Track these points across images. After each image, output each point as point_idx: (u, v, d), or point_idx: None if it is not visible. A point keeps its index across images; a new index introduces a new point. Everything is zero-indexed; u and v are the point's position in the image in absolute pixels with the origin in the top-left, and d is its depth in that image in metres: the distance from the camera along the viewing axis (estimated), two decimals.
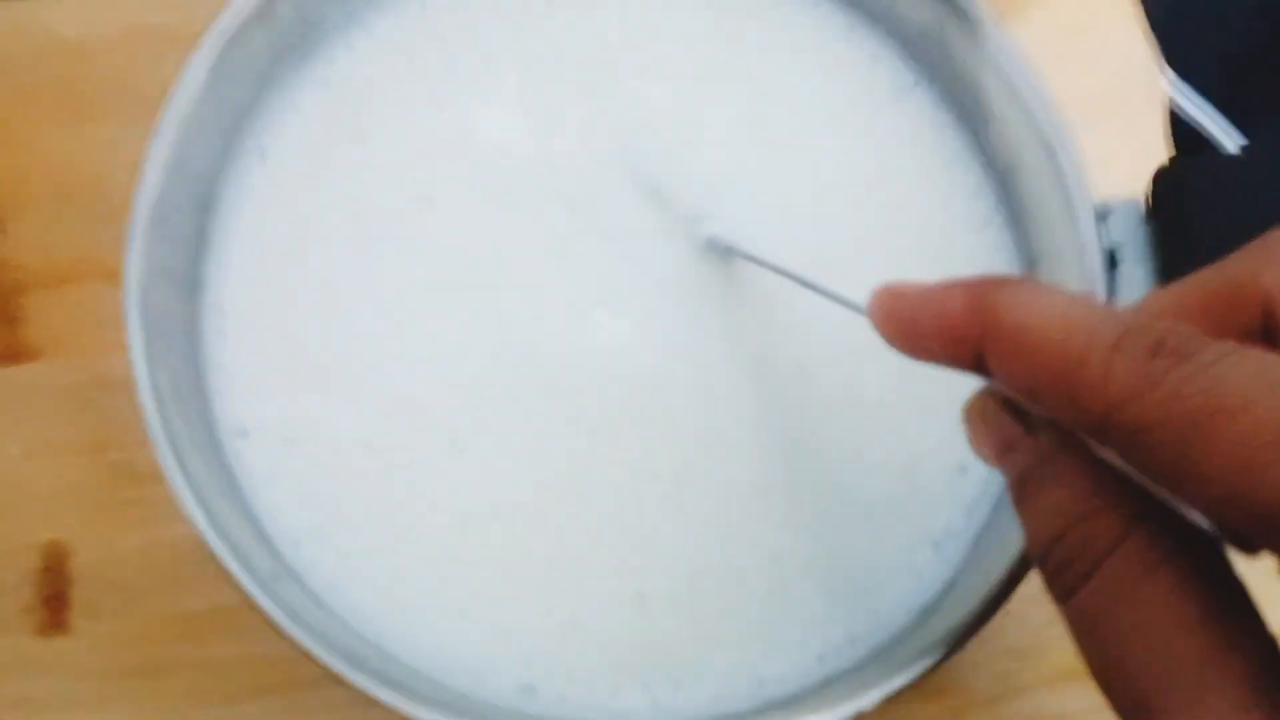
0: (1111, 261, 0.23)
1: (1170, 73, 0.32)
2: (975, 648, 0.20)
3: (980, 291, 0.15)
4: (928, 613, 0.23)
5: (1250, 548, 0.14)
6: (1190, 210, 0.23)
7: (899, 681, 0.20)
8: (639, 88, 0.25)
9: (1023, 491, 0.15)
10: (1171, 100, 0.32)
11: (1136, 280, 0.22)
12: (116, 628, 0.26)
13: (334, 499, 0.22)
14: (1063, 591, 0.14)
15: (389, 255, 0.23)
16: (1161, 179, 0.23)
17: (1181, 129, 0.32)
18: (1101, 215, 0.23)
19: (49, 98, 0.29)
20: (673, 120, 0.24)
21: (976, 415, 0.16)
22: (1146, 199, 0.23)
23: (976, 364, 0.15)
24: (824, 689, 0.22)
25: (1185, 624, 0.13)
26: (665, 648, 0.22)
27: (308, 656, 0.19)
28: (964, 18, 0.23)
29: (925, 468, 0.24)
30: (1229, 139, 0.32)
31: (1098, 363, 0.13)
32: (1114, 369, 0.13)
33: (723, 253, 0.23)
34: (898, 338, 0.16)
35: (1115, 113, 0.30)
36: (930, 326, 0.16)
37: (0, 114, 0.28)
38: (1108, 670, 0.14)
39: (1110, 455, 0.14)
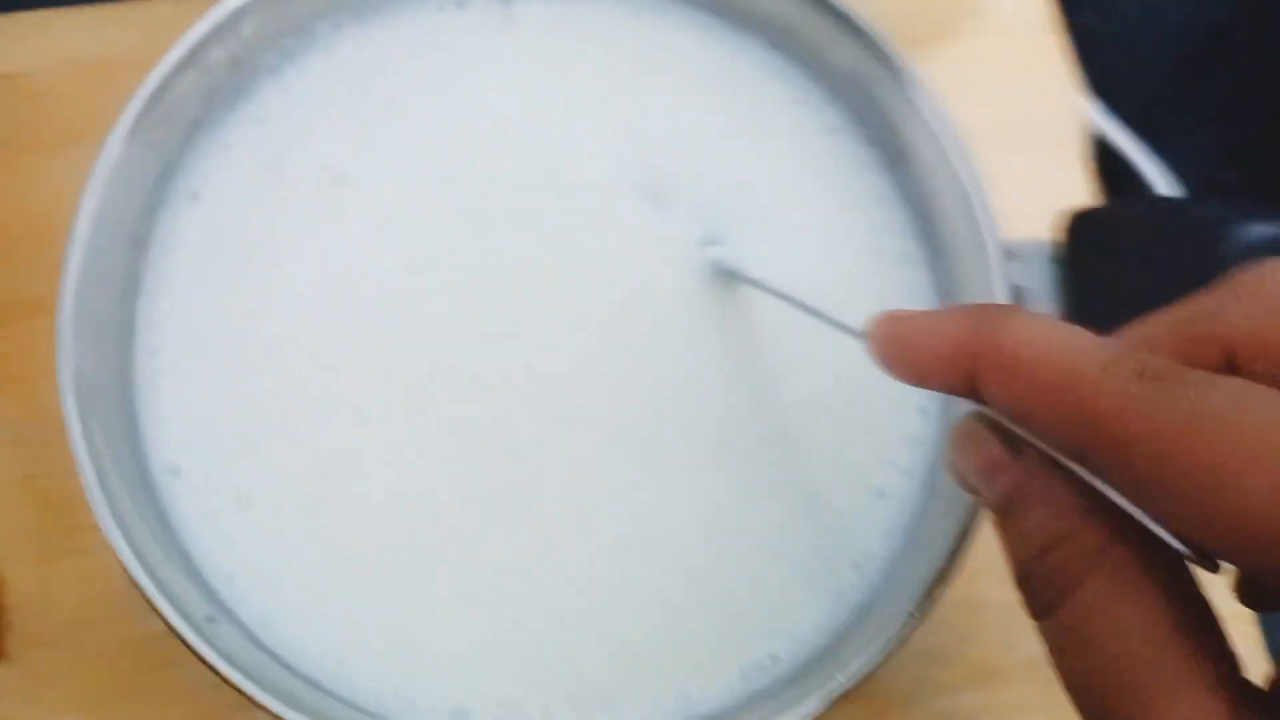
0: (1018, 301, 0.24)
1: (1092, 101, 0.33)
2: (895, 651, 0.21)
3: (980, 316, 0.16)
4: (849, 630, 0.24)
5: (1212, 565, 0.15)
6: (1101, 255, 0.24)
7: (814, 705, 0.21)
8: (580, 123, 0.25)
9: (1007, 511, 0.16)
10: (1093, 128, 0.33)
11: None
12: (59, 655, 0.26)
13: (266, 536, 0.22)
14: (1042, 608, 0.15)
15: (323, 294, 0.23)
16: (1075, 223, 0.24)
17: (1104, 156, 0.33)
18: (1010, 255, 0.24)
19: None
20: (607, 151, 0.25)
21: (964, 437, 0.17)
22: (1056, 240, 0.24)
23: (969, 387, 0.16)
24: (750, 706, 0.23)
25: (1160, 634, 0.14)
26: (592, 668, 0.23)
27: (248, 699, 0.19)
28: (885, 63, 0.24)
29: (845, 491, 0.24)
30: (1150, 167, 0.34)
31: (1090, 381, 0.14)
32: (1104, 387, 0.14)
33: (726, 277, 0.24)
34: (896, 361, 0.17)
35: (1033, 143, 0.31)
36: (929, 349, 0.17)
37: None
38: (1084, 680, 0.14)
39: (1089, 477, 0.15)
